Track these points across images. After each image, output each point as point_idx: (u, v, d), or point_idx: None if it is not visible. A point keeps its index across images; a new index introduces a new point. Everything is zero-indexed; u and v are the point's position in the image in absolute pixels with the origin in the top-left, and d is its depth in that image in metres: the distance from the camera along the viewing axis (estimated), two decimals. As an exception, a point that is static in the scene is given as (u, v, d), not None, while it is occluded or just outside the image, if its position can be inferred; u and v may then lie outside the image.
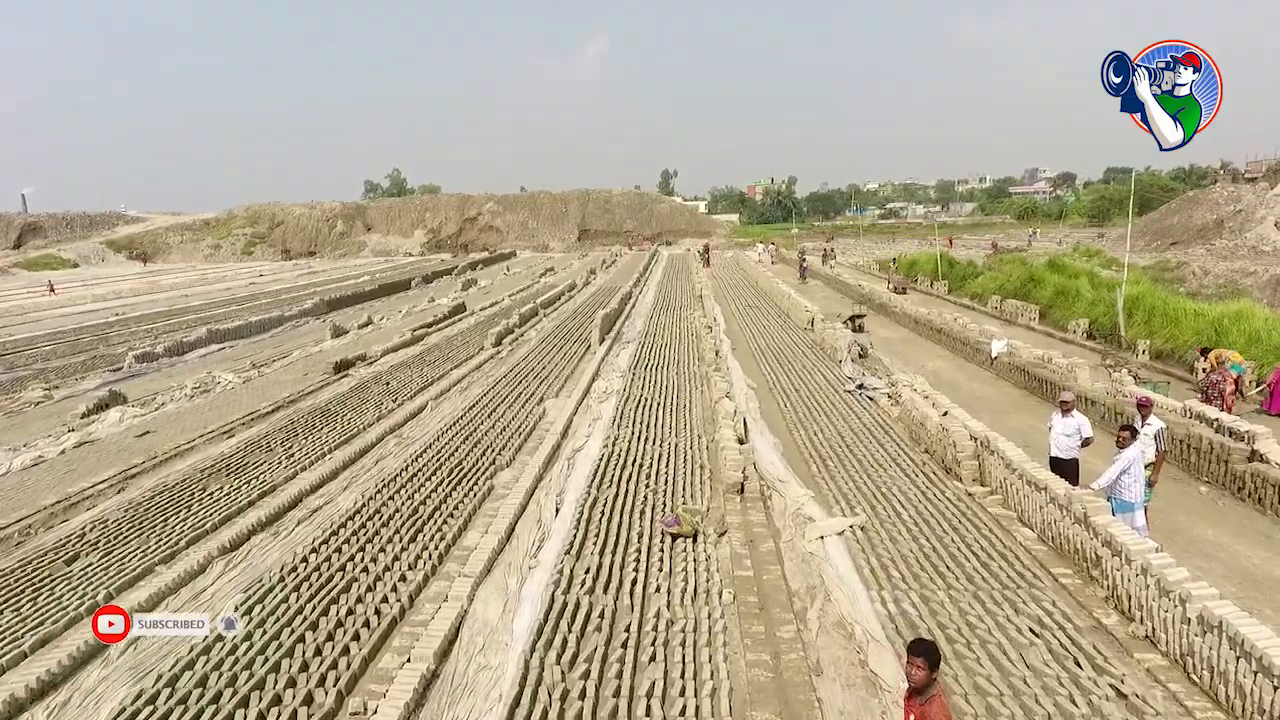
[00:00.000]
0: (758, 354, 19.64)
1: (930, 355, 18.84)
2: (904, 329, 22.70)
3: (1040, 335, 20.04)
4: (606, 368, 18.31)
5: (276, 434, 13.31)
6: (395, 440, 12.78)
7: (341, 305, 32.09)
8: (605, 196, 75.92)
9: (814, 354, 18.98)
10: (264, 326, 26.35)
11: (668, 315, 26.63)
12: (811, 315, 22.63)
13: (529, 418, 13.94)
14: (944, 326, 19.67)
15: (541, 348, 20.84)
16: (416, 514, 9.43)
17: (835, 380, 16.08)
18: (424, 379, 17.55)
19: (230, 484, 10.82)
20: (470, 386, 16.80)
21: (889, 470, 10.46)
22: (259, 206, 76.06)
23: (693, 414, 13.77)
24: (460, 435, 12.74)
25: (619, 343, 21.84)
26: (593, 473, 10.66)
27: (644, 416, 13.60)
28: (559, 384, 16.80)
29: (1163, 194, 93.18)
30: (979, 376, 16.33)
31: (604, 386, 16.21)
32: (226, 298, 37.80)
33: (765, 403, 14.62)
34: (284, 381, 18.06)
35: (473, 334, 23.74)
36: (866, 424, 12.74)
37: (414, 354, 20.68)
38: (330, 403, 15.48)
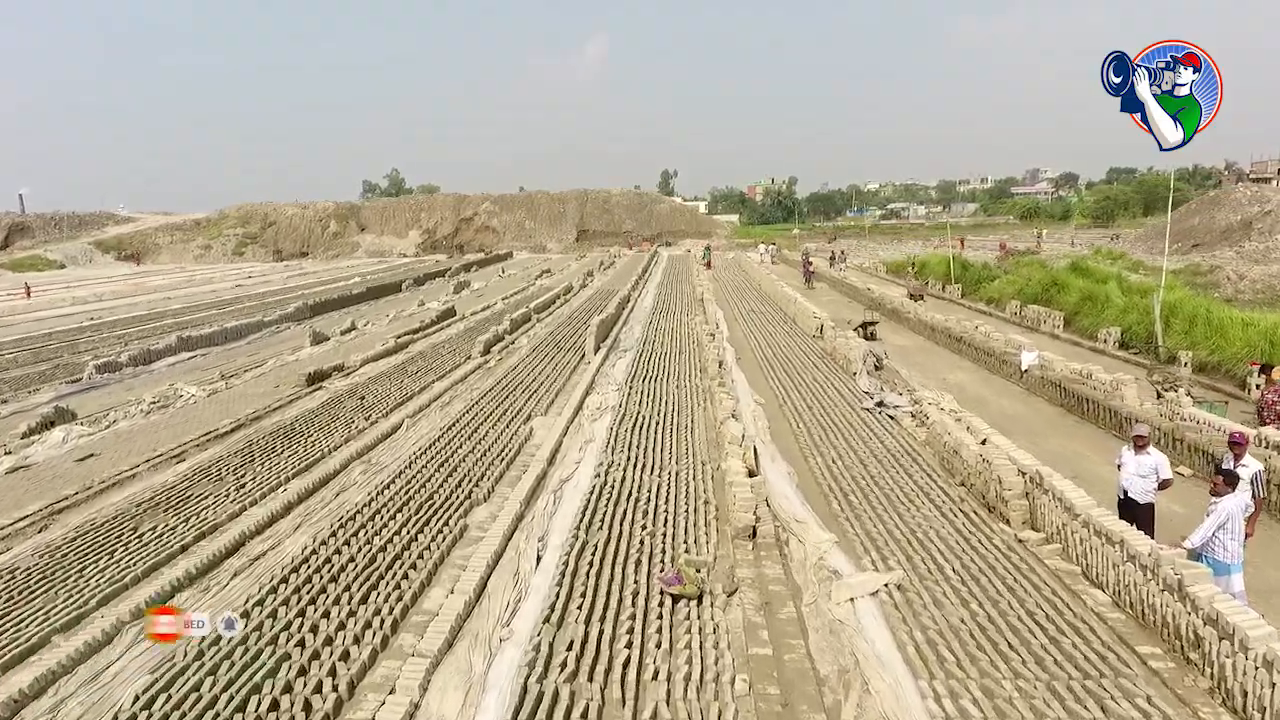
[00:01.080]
0: (764, 364, 18.27)
1: (950, 366, 17.47)
2: (919, 337, 21.33)
3: (1066, 344, 18.68)
4: (601, 380, 16.95)
5: (231, 459, 11.93)
6: (362, 467, 11.39)
7: (326, 309, 30.71)
8: (604, 197, 74.53)
9: (825, 365, 17.61)
10: (241, 332, 24.97)
11: (668, 320, 25.27)
12: (820, 322, 21.26)
13: (514, 439, 12.57)
14: (964, 335, 18.30)
15: (533, 357, 19.47)
16: (374, 563, 8.06)
17: (850, 395, 14.71)
18: (403, 392, 16.17)
19: (167, 523, 9.45)
20: (453, 401, 15.43)
21: (922, 507, 9.10)
22: (251, 206, 74.63)
23: (695, 435, 12.40)
24: (435, 461, 11.37)
25: (616, 351, 20.48)
26: (581, 509, 9.30)
27: (641, 438, 12.23)
28: (549, 399, 15.43)
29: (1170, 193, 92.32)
30: (1007, 391, 14.96)
31: (598, 402, 14.85)
32: (209, 300, 36.42)
33: (775, 422, 13.26)
34: (252, 395, 16.69)
35: (461, 341, 22.37)
36: (890, 448, 11.38)
37: (396, 363, 19.30)
38: (297, 420, 14.11)
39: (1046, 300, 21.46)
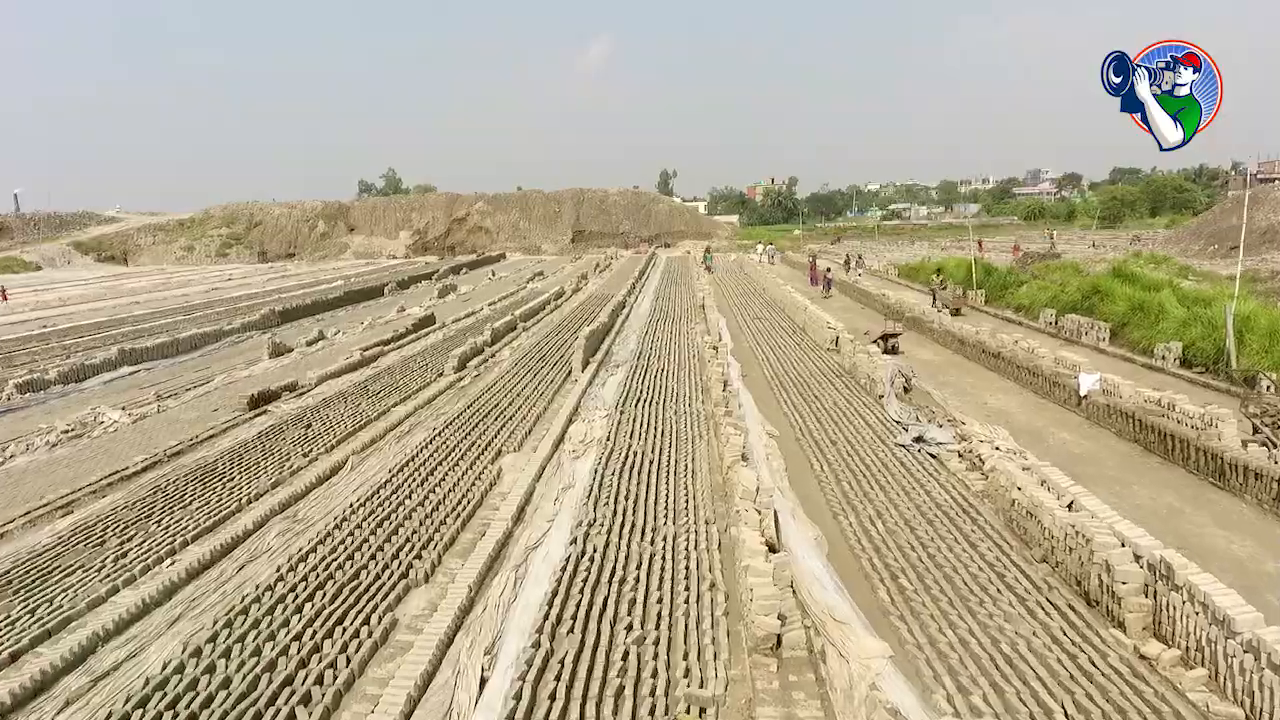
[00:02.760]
0: (774, 383, 16.07)
1: (988, 387, 15.26)
2: (946, 350, 19.12)
3: (1116, 360, 16.47)
4: (589, 402, 14.74)
5: (126, 511, 9.72)
6: (283, 525, 9.18)
7: (297, 316, 28.47)
8: (601, 196, 72.29)
9: (844, 385, 15.41)
10: (196, 343, 22.73)
11: (666, 330, 23.07)
12: (835, 333, 19.06)
13: (477, 484, 10.36)
14: (1002, 351, 16.09)
15: (513, 373, 17.26)
16: (254, 691, 5.85)
17: (879, 425, 12.51)
18: (358, 419, 13.96)
19: (6, 612, 7.23)
20: (413, 431, 13.21)
21: (999, 598, 6.89)
22: (236, 206, 72.30)
23: (696, 481, 10.19)
24: (375, 517, 9.16)
25: (607, 366, 18.27)
26: (549, 597, 7.09)
27: (631, 484, 10.02)
28: (526, 427, 13.22)
29: (1177, 194, 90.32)
30: (1063, 421, 12.74)
31: (583, 432, 12.64)
32: (178, 305, 34.15)
33: (793, 460, 11.05)
34: (183, 421, 14.46)
35: (436, 353, 20.16)
36: (940, 502, 9.17)
37: (358, 381, 17.07)
38: (224, 457, 11.88)
39: (1088, 309, 19.25)
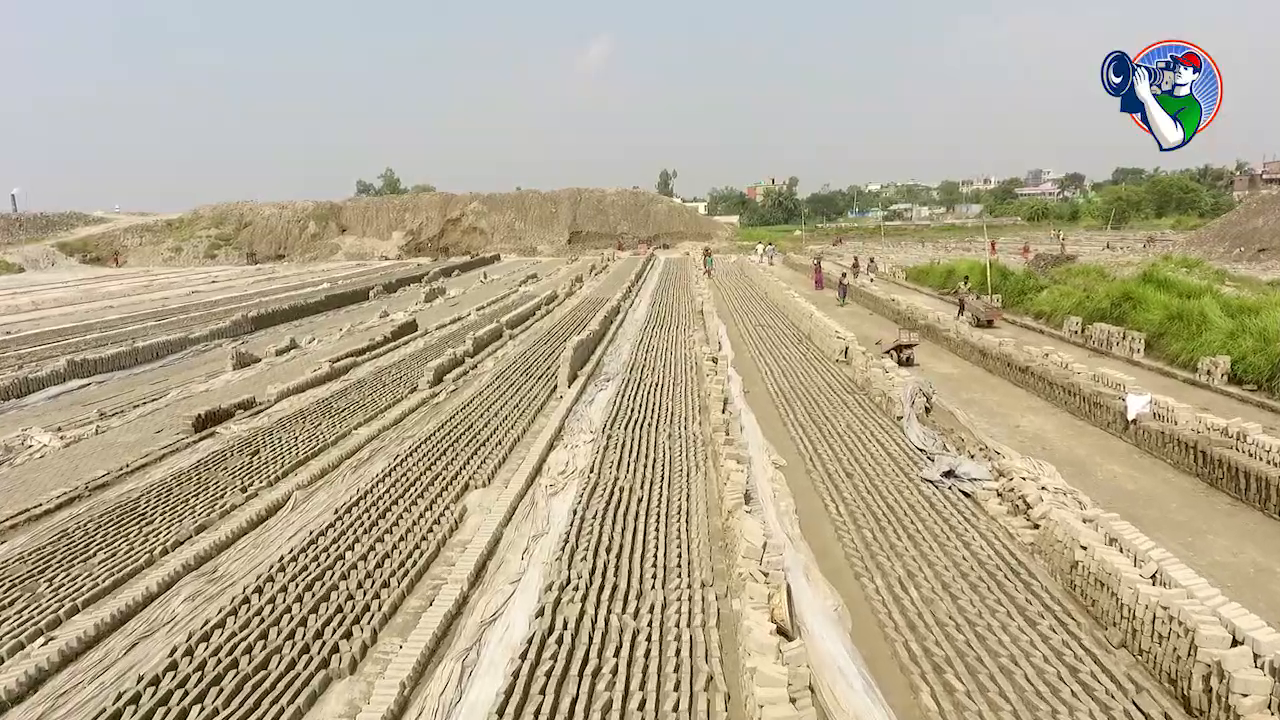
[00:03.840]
0: (779, 400, 14.57)
1: (1017, 406, 13.77)
2: (965, 362, 17.62)
3: (1154, 375, 14.99)
4: (573, 424, 13.26)
5: (16, 565, 8.22)
6: (194, 587, 7.68)
7: (274, 321, 26.94)
8: (598, 196, 70.69)
9: (857, 403, 13.92)
10: (159, 352, 21.22)
11: (662, 338, 21.57)
12: (845, 343, 17.57)
13: (435, 530, 8.87)
14: (1031, 365, 14.59)
15: (494, 388, 15.79)
16: None
17: (899, 453, 11.02)
18: (314, 442, 12.47)
19: None
20: (374, 458, 11.73)
21: (1075, 706, 5.40)
22: (226, 206, 70.65)
23: (692, 527, 8.69)
24: (307, 575, 7.67)
25: (597, 379, 16.78)
26: (503, 699, 5.60)
27: (614, 532, 8.53)
28: (501, 453, 11.72)
29: (1183, 195, 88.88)
30: (1108, 449, 11.24)
31: (563, 461, 11.17)
32: (152, 310, 32.58)
33: (804, 499, 9.57)
34: (121, 445, 12.96)
35: (413, 364, 18.67)
36: (982, 558, 7.69)
37: (322, 397, 15.58)
38: (152, 491, 10.39)
39: (1118, 318, 17.76)
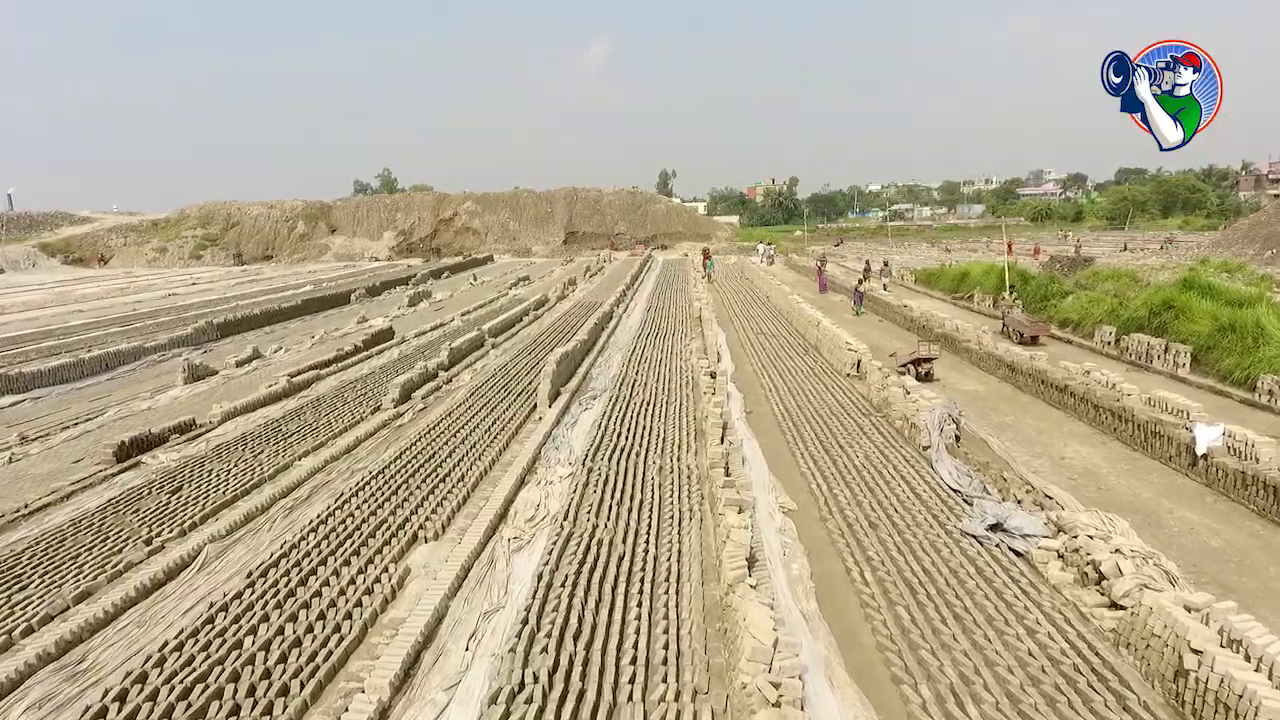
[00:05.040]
0: (785, 423, 12.89)
1: (1057, 432, 12.09)
2: (991, 377, 15.95)
3: (1204, 393, 13.33)
4: (551, 453, 11.59)
5: None
6: (45, 688, 6.00)
7: (242, 328, 25.23)
8: (595, 196, 68.95)
9: (874, 427, 12.25)
10: (109, 363, 19.53)
11: (656, 348, 19.89)
12: (857, 356, 15.90)
13: (365, 601, 7.19)
14: (1071, 383, 12.91)
15: (467, 406, 14.13)
16: None
17: (930, 492, 9.35)
18: (248, 476, 10.79)
19: None
20: (313, 496, 10.06)
21: None
22: (213, 205, 68.85)
23: (683, 602, 7.01)
24: (191, 670, 5.98)
25: (582, 397, 15.11)
26: None
27: (587, 610, 6.86)
28: (463, 490, 10.04)
29: (1189, 194, 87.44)
30: (1176, 489, 9.57)
31: (534, 503, 9.51)
32: (121, 315, 30.88)
33: (821, 560, 7.90)
34: (31, 477, 11.27)
35: (382, 378, 17.00)
36: (1053, 653, 6.02)
37: (274, 417, 13.91)
38: (41, 542, 8.71)
39: (1158, 328, 16.09)
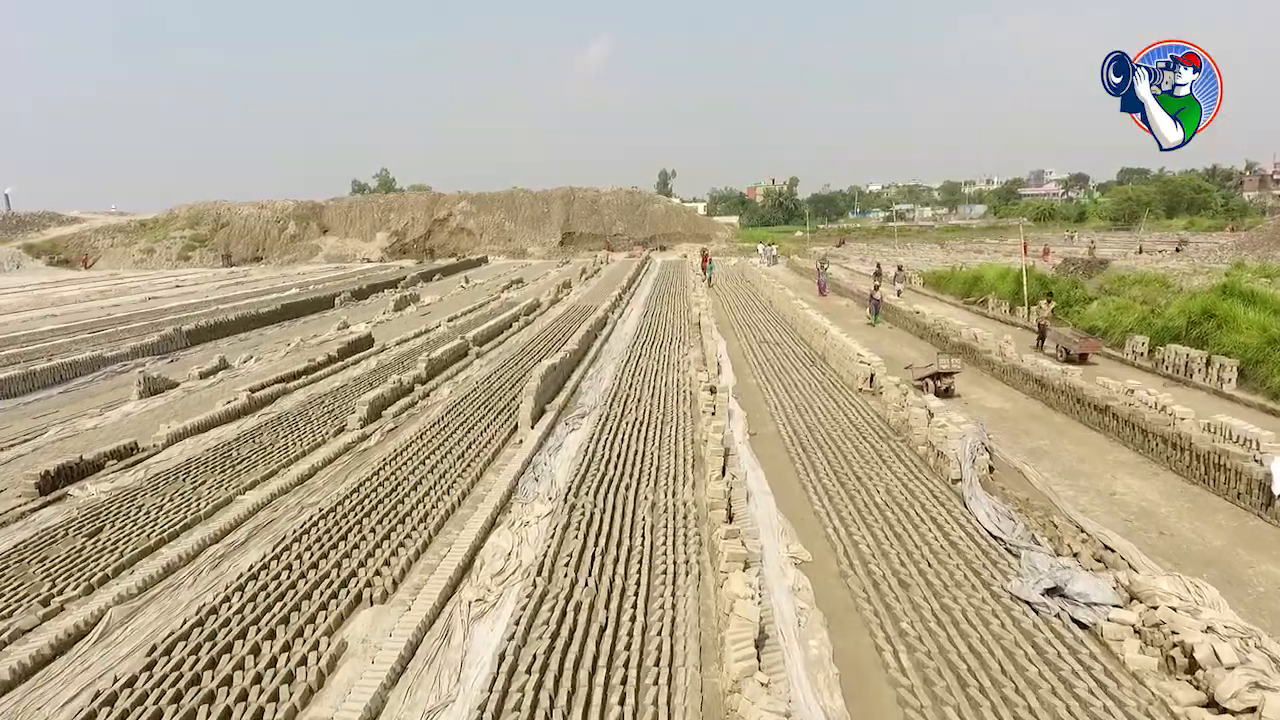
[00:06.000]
0: (794, 448, 11.55)
1: (1101, 460, 10.74)
2: (1017, 393, 14.60)
3: (1253, 412, 11.99)
4: (529, 484, 10.25)
5: None
6: None
7: (216, 335, 23.87)
8: (593, 196, 67.58)
9: (893, 453, 10.91)
10: (64, 374, 18.18)
11: (653, 358, 18.56)
12: (870, 369, 14.57)
13: (285, 692, 5.85)
14: (1113, 404, 11.57)
15: (441, 426, 12.81)
16: None
17: (966, 541, 8.01)
18: (182, 514, 9.44)
19: None
20: (251, 541, 8.73)
21: None
22: (203, 205, 67.42)
23: (675, 699, 5.67)
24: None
25: (569, 415, 13.77)
26: None
27: (563, 698, 5.51)
28: (422, 537, 8.69)
29: (1195, 195, 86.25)
30: (1251, 535, 8.22)
31: (505, 550, 8.18)
32: (95, 320, 29.51)
33: (844, 632, 6.57)
34: (-65, 514, 9.94)
35: (354, 392, 15.66)
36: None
37: (227, 439, 12.57)
38: (-82, 602, 7.37)
39: (1197, 339, 14.77)
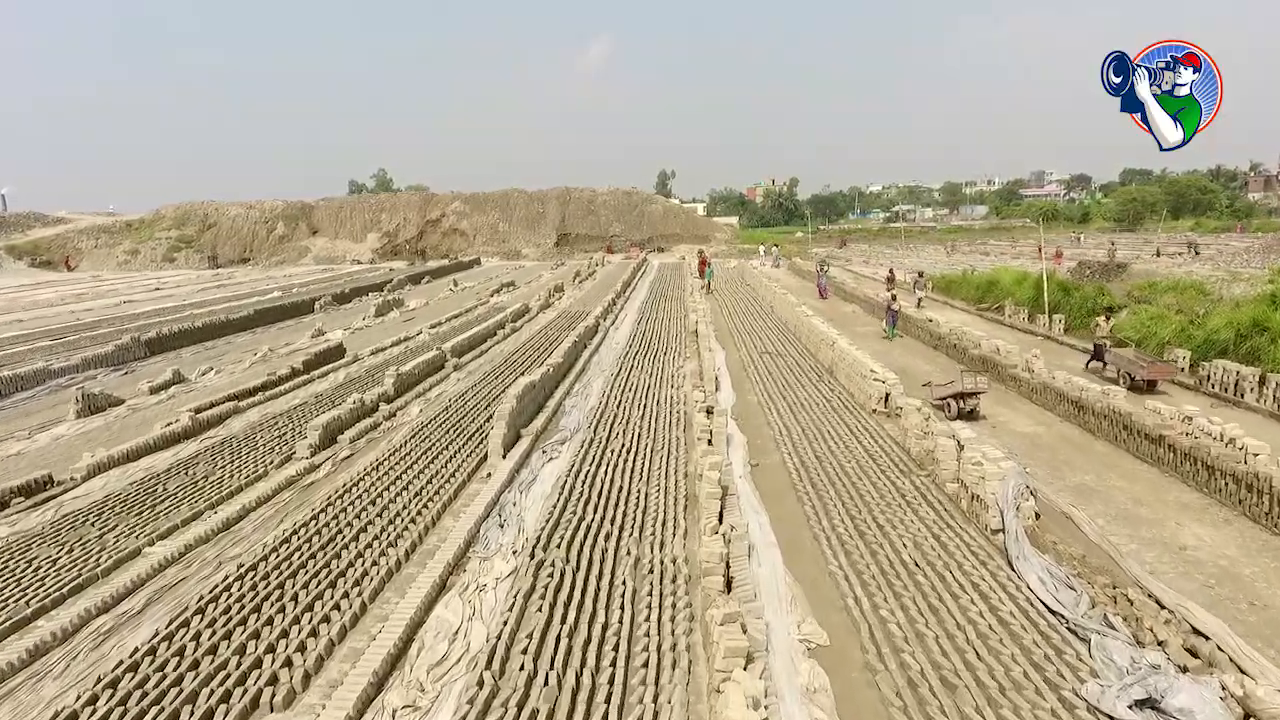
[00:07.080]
0: (802, 484, 10.02)
1: (1159, 500, 9.23)
2: (1048, 414, 13.06)
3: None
4: (492, 532, 8.72)
5: None
6: None
7: (179, 343, 22.35)
8: (589, 196, 66.03)
9: (916, 491, 9.39)
10: (6, 388, 16.62)
11: (645, 370, 17.04)
12: (886, 389, 13.05)
13: None
14: (1169, 435, 10.04)
15: (403, 453, 11.29)
16: None
17: (1018, 618, 6.49)
18: (74, 573, 7.91)
19: None
20: (147, 610, 7.21)
21: None
22: (189, 206, 65.82)
23: None
24: None
25: (548, 441, 12.24)
26: None
27: None
28: (354, 605, 7.16)
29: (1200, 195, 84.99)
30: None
31: (452, 628, 6.68)
32: (59, 326, 27.97)
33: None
34: None
35: (314, 410, 14.15)
36: None
37: (156, 469, 11.04)
38: None
39: (1248, 355, 13.27)
